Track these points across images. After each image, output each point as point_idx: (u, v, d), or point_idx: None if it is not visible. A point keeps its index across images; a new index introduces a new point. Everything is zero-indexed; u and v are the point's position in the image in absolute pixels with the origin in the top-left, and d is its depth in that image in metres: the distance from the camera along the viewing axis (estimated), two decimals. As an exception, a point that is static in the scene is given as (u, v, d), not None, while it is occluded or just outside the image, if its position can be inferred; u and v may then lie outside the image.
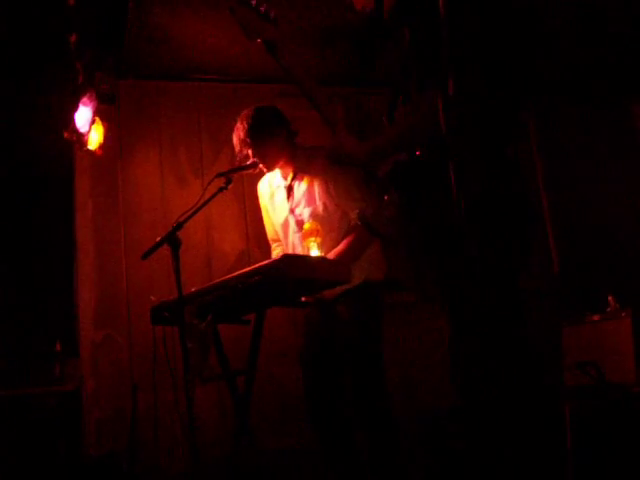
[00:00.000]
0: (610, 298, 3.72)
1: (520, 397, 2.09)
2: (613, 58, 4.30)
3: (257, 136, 3.25)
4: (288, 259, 2.78)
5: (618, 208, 4.35)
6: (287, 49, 2.74)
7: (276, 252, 3.51)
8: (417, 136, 2.29)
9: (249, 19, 2.77)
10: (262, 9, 2.76)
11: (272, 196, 3.49)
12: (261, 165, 3.32)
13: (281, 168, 3.39)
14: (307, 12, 3.97)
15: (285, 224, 3.40)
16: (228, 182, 3.12)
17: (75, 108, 3.97)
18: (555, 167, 4.65)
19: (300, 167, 3.35)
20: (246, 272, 2.82)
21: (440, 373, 4.25)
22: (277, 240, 3.53)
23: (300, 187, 3.34)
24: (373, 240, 3.26)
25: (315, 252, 3.01)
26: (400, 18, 2.32)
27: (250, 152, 3.28)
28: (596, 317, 3.71)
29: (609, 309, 3.70)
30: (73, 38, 3.87)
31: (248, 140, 3.25)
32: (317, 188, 3.28)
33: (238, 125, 3.30)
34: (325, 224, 3.18)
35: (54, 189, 4.42)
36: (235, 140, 3.32)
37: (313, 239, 3.03)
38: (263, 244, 3.80)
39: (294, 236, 3.35)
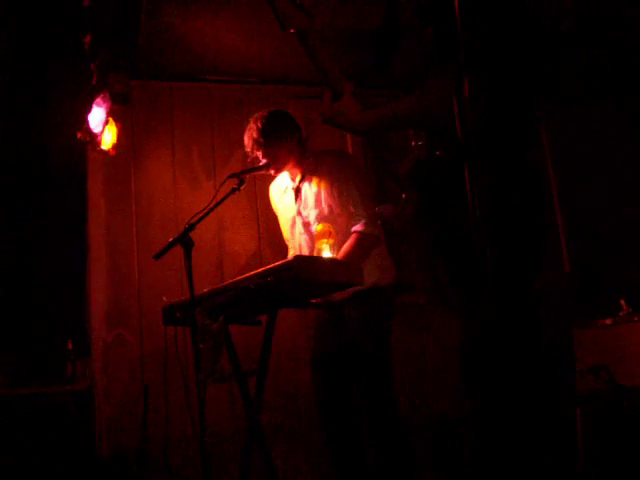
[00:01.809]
0: (622, 302, 3.70)
1: (532, 401, 2.08)
2: (628, 57, 4.27)
3: (268, 138, 3.28)
4: (300, 260, 2.78)
5: (632, 209, 4.31)
6: (317, 41, 2.76)
7: (292, 252, 3.51)
8: (422, 118, 2.29)
9: (285, 9, 2.80)
10: (298, 0, 2.79)
11: (282, 197, 3.51)
12: (271, 170, 3.35)
13: (289, 170, 3.42)
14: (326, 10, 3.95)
15: (292, 225, 3.43)
16: (241, 183, 3.13)
17: (89, 109, 3.98)
18: (567, 166, 4.62)
19: (309, 169, 3.38)
20: (258, 273, 2.82)
21: (451, 377, 4.24)
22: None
23: (308, 189, 3.37)
24: (376, 244, 3.26)
25: (327, 254, 3.01)
26: (424, 16, 2.32)
27: (260, 153, 3.30)
28: (608, 321, 3.69)
29: (621, 313, 3.69)
30: (87, 39, 3.89)
31: (260, 141, 3.28)
32: (323, 191, 3.31)
33: (251, 125, 3.33)
34: (332, 226, 3.19)
35: (67, 189, 4.44)
36: (246, 140, 3.34)
37: (325, 241, 3.03)
38: (275, 245, 3.81)
39: (300, 237, 3.38)
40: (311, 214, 3.32)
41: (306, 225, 3.33)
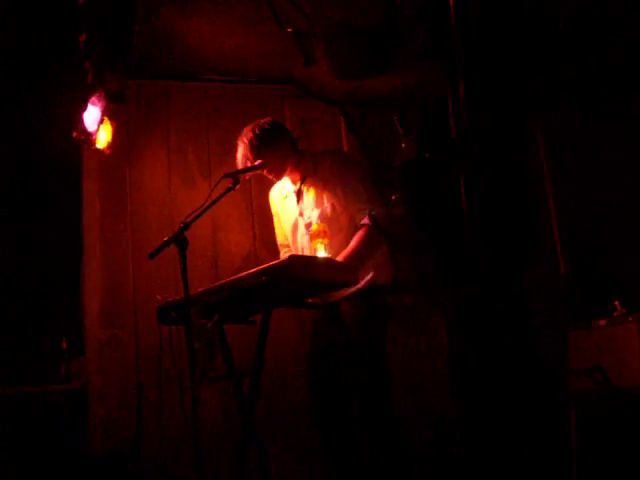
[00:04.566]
0: (617, 302, 3.71)
1: (525, 402, 2.08)
2: (620, 59, 4.28)
3: (261, 151, 3.32)
4: (295, 260, 2.78)
5: (627, 211, 4.32)
6: (314, 40, 2.71)
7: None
8: (404, 95, 2.27)
9: (283, 7, 2.80)
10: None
11: (283, 202, 3.55)
12: (270, 176, 3.41)
13: (289, 174, 3.46)
14: (322, 8, 3.94)
15: (294, 227, 3.46)
16: (236, 183, 3.13)
17: (84, 107, 3.98)
18: (563, 169, 4.63)
19: (308, 172, 3.43)
20: (253, 272, 2.82)
21: (445, 377, 4.24)
22: (287, 246, 3.59)
23: (309, 191, 3.42)
24: (381, 241, 3.28)
25: (322, 253, 3.02)
26: (415, 17, 2.32)
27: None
28: (602, 322, 3.70)
29: (616, 314, 3.69)
30: (83, 37, 3.88)
31: (252, 157, 3.31)
32: (325, 191, 3.36)
33: (240, 144, 3.39)
34: (333, 225, 3.23)
35: (62, 188, 4.43)
36: (239, 158, 3.38)
37: (320, 240, 3.05)
38: (270, 245, 3.81)
39: (302, 238, 3.41)
40: (313, 214, 3.35)
41: (308, 226, 3.36)
